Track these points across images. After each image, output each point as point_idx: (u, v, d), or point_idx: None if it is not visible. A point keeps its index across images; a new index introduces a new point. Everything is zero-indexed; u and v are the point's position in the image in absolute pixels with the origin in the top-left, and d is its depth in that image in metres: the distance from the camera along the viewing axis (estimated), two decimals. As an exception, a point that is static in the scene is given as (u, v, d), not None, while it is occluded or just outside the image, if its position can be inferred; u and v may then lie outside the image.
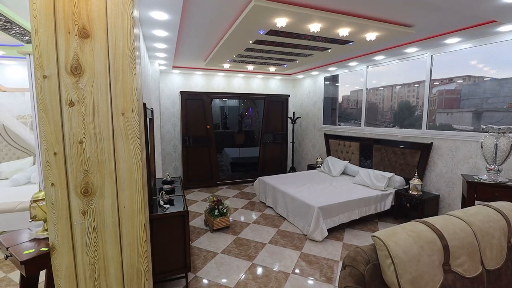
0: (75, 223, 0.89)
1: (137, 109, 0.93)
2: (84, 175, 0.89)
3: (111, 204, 0.91)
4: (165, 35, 2.95)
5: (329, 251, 2.91)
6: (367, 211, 3.56)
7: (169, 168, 5.72)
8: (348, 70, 5.17)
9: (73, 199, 0.88)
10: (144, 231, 0.98)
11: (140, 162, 0.93)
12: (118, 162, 0.92)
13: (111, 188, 0.91)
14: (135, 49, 0.92)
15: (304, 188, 3.95)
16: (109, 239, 0.91)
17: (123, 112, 0.90)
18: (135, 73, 0.92)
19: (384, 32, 2.86)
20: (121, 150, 0.91)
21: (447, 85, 3.62)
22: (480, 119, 3.33)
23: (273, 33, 2.90)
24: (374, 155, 4.45)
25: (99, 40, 0.86)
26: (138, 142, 0.94)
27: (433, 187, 3.71)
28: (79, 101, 0.86)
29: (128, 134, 0.92)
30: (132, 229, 0.96)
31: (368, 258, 1.41)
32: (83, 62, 0.86)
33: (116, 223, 0.93)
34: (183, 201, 2.48)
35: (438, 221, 1.60)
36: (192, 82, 5.75)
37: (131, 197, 0.93)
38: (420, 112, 4.05)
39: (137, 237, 0.97)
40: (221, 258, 2.78)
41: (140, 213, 0.95)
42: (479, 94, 3.34)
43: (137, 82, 0.93)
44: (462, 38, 3.19)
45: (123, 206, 0.92)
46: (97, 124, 0.88)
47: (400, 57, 4.11)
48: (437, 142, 3.64)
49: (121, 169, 0.91)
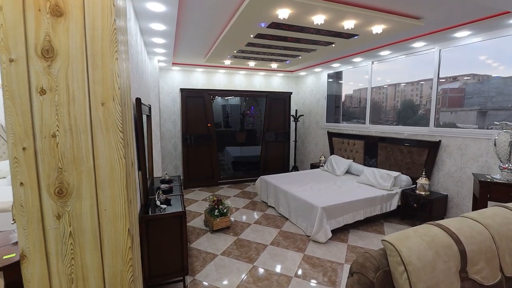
0: (48, 227, 0.78)
1: (119, 99, 0.82)
2: (58, 173, 0.78)
3: (90, 206, 0.80)
4: (163, 28, 2.85)
5: (333, 253, 2.80)
6: (372, 211, 3.43)
7: (169, 167, 5.63)
8: (352, 66, 5.03)
9: (45, 201, 0.78)
10: (128, 237, 0.87)
11: (122, 158, 0.82)
12: (97, 158, 0.81)
13: (90, 188, 0.80)
14: (117, 30, 0.81)
15: (307, 187, 3.84)
16: (88, 245, 0.81)
17: (102, 102, 0.79)
18: (117, 58, 0.81)
19: (391, 25, 2.73)
20: (101, 145, 0.80)
21: (451, 83, 3.52)
22: (485, 118, 3.26)
23: (275, 26, 2.78)
24: (379, 154, 4.31)
25: (75, 19, 0.76)
26: (120, 136, 0.83)
27: (441, 187, 3.57)
28: (52, 89, 0.76)
29: (109, 126, 0.81)
30: (115, 234, 0.85)
31: (378, 265, 1.30)
32: (56, 44, 0.75)
33: (96, 227, 0.82)
34: (181, 201, 2.38)
35: (453, 224, 1.47)
36: (192, 79, 5.64)
37: (112, 198, 0.82)
38: (423, 111, 3.94)
39: (121, 243, 0.86)
40: (221, 260, 2.68)
41: (123, 216, 0.84)
42: (484, 92, 3.28)
43: (119, 68, 0.82)
44: (472, 31, 3.05)
45: (104, 209, 0.81)
46: (73, 115, 0.78)
47: (407, 52, 3.97)
48: (446, 140, 3.50)
49: (101, 166, 0.80)
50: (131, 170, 1.03)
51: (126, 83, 1.00)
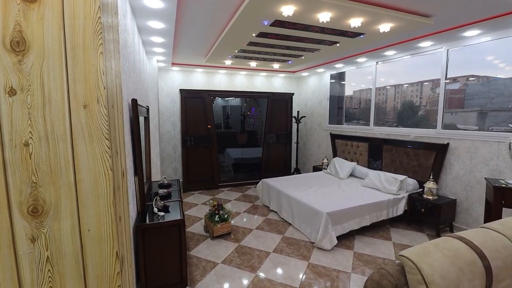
0: (21, 252, 0.66)
1: (105, 100, 0.69)
2: (32, 188, 0.66)
3: (71, 227, 0.68)
4: (161, 26, 2.73)
5: (339, 261, 2.67)
6: (378, 216, 3.31)
7: (168, 169, 5.50)
8: (356, 66, 4.92)
9: (17, 221, 0.65)
10: (116, 261, 0.75)
11: (109, 170, 0.70)
12: (78, 171, 0.69)
13: (70, 206, 0.67)
14: (103, 20, 0.69)
15: (311, 191, 3.71)
16: (70, 272, 0.68)
17: (85, 104, 0.67)
18: (102, 52, 0.69)
19: (400, 23, 2.61)
20: (83, 155, 0.68)
21: (451, 84, 3.45)
22: (485, 119, 3.21)
23: (278, 25, 2.66)
24: (384, 156, 4.19)
25: (51, 6, 0.64)
26: (106, 144, 0.71)
27: (449, 191, 3.45)
28: (23, 89, 0.64)
29: (93, 133, 0.69)
30: (100, 258, 0.73)
31: (396, 283, 1.17)
32: (28, 35, 0.63)
33: (78, 251, 0.69)
34: (180, 207, 2.26)
35: (475, 237, 1.35)
36: (193, 79, 5.52)
37: (97, 217, 0.70)
38: (423, 112, 3.88)
39: (107, 269, 0.74)
40: (222, 269, 2.55)
41: (110, 237, 0.72)
42: (484, 93, 3.24)
43: (105, 65, 0.70)
44: (482, 30, 2.94)
45: (87, 229, 0.69)
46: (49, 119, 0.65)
47: (413, 52, 3.86)
48: (454, 143, 3.38)
49: (83, 180, 0.68)
50: (122, 181, 0.90)
51: (116, 83, 0.88)
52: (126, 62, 1.90)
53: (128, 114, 1.89)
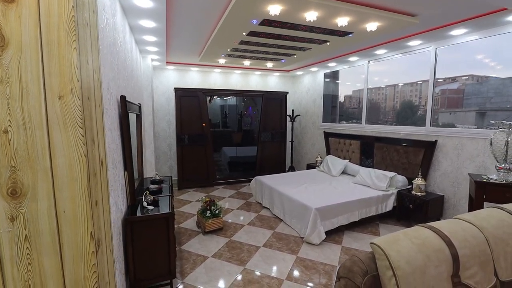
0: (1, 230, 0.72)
1: (79, 92, 0.75)
2: (11, 172, 0.72)
3: (47, 208, 0.74)
4: (153, 25, 2.79)
5: (327, 255, 2.73)
6: (367, 212, 3.37)
7: (164, 167, 5.56)
8: (349, 65, 4.98)
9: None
10: (91, 241, 0.81)
11: (83, 156, 0.76)
12: (54, 156, 0.75)
13: (47, 189, 0.73)
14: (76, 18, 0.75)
15: (302, 188, 3.78)
16: (46, 250, 0.74)
17: (60, 95, 0.73)
18: (75, 47, 0.75)
19: (386, 22, 2.67)
20: (58, 142, 0.74)
21: (450, 84, 3.50)
22: (484, 119, 3.25)
23: (267, 24, 2.72)
24: (376, 154, 4.26)
25: (28, 5, 0.70)
26: (80, 132, 0.77)
27: (438, 187, 3.51)
28: (3, 81, 0.70)
29: (67, 122, 0.75)
30: (76, 238, 0.79)
31: (366, 269, 1.24)
32: (7, 32, 0.69)
33: (54, 230, 0.76)
34: (169, 202, 2.32)
35: (445, 226, 1.41)
36: (188, 78, 5.58)
37: (72, 199, 0.76)
38: (423, 112, 3.91)
39: (82, 248, 0.80)
40: (212, 262, 2.61)
41: (85, 218, 0.78)
42: (483, 93, 3.28)
43: (78, 59, 0.76)
44: (468, 29, 3.00)
45: (63, 211, 0.75)
46: (27, 109, 0.72)
47: (403, 51, 3.92)
48: (442, 140, 3.44)
49: (59, 165, 0.74)
50: (101, 169, 0.96)
51: (94, 77, 0.94)
52: (114, 60, 1.96)
53: (117, 110, 1.95)
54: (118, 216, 1.86)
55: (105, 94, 1.64)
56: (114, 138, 1.83)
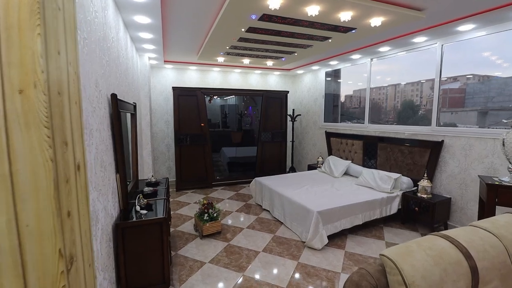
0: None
1: (44, 85, 0.64)
2: (-40, 180, 0.61)
3: (6, 222, 0.62)
4: (148, 21, 2.68)
5: (329, 260, 2.62)
6: (371, 215, 3.25)
7: (162, 168, 5.45)
8: (351, 63, 4.86)
9: None
10: (60, 259, 0.69)
11: (49, 162, 0.64)
12: (14, 162, 0.63)
13: (6, 200, 0.62)
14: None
15: (303, 190, 3.66)
16: (6, 271, 0.63)
17: (20, 89, 0.61)
18: (39, 33, 0.64)
19: (391, 17, 2.55)
20: (19, 145, 0.63)
21: (451, 83, 3.40)
22: (486, 118, 3.18)
23: (266, 19, 2.60)
24: (379, 154, 4.13)
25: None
26: (45, 133, 0.65)
27: (444, 189, 3.39)
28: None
29: (30, 121, 0.63)
30: (41, 256, 0.67)
31: (375, 284, 1.11)
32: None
33: (15, 248, 0.64)
34: (164, 206, 2.20)
35: (462, 235, 1.29)
36: (186, 77, 5.47)
37: (37, 212, 0.64)
38: (424, 111, 3.83)
39: (50, 268, 0.68)
40: (209, 268, 2.50)
41: (52, 233, 0.66)
42: (485, 92, 3.22)
43: (44, 47, 0.65)
44: (476, 25, 2.88)
45: (26, 225, 0.64)
46: (-21, 105, 0.60)
47: (407, 48, 3.79)
48: (449, 140, 3.32)
49: (19, 171, 0.63)
50: (76, 174, 0.85)
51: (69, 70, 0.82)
52: (105, 56, 1.84)
53: (107, 109, 1.84)
54: (108, 222, 1.75)
55: (93, 91, 1.53)
56: (103, 138, 1.71)
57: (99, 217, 1.54)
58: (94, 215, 1.46)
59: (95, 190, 1.50)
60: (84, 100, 1.35)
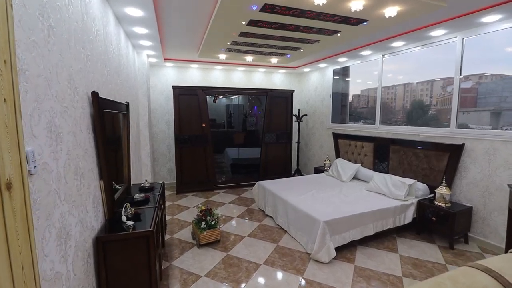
0: None
1: None
2: None
3: None
4: (141, 14, 2.47)
5: (337, 276, 2.36)
6: (383, 225, 2.98)
7: (163, 170, 5.27)
8: (361, 60, 4.57)
9: None
10: None
11: None
12: None
13: None
14: None
15: (309, 195, 3.41)
16: None
17: None
18: None
19: (408, 5, 2.28)
20: None
21: (463, 83, 3.15)
22: (499, 119, 2.97)
23: (269, 10, 2.37)
24: (391, 158, 3.85)
25: None
26: None
27: (464, 197, 3.09)
28: None
29: None
30: None
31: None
32: None
33: None
34: (154, 216, 1.99)
35: (504, 267, 1.03)
36: (187, 76, 5.28)
37: None
38: (434, 111, 3.64)
39: None
40: (204, 283, 2.28)
41: None
42: (497, 92, 3.03)
43: None
44: (504, 15, 2.58)
45: None
46: None
47: (423, 43, 3.49)
48: (470, 143, 3.02)
49: None
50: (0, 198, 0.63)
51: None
52: (85, 50, 1.64)
53: (86, 109, 1.64)
54: (86, 236, 1.55)
55: (64, 88, 1.32)
56: (80, 142, 1.51)
57: (70, 233, 1.33)
58: (64, 231, 1.26)
59: (66, 203, 1.29)
60: (48, 98, 1.14)
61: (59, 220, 1.21)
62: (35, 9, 1.07)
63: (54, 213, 1.16)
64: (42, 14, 1.12)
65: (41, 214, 1.04)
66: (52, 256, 1.13)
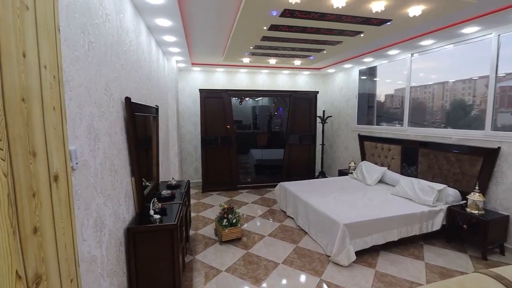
0: None
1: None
2: None
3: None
4: (169, 24, 2.67)
5: (356, 280, 2.34)
6: (409, 231, 2.88)
7: (189, 169, 5.54)
8: (388, 60, 4.43)
9: None
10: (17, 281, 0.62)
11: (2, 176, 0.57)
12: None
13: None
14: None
15: (330, 198, 3.39)
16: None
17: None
18: None
19: (434, 4, 2.20)
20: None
21: (504, 82, 2.86)
22: None
23: (288, 15, 2.43)
24: (420, 161, 3.68)
25: None
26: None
27: (500, 205, 2.87)
28: None
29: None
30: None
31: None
32: None
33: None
34: (178, 211, 2.15)
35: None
36: (213, 79, 5.49)
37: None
38: (477, 112, 3.29)
39: (5, 292, 0.61)
40: (224, 277, 2.39)
41: (7, 254, 0.59)
42: None
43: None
44: (548, 8, 2.37)
45: (-26, 246, 0.56)
46: None
47: (455, 41, 3.31)
48: (507, 147, 2.80)
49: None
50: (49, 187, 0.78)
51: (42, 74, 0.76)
52: (120, 60, 1.84)
53: (120, 113, 1.83)
54: (118, 226, 1.73)
55: (101, 95, 1.51)
56: (114, 142, 1.70)
57: (105, 222, 1.51)
58: (100, 220, 1.44)
59: (102, 196, 1.47)
60: (88, 104, 1.32)
61: (95, 210, 1.39)
62: (78, 28, 1.24)
63: (92, 203, 1.34)
64: (83, 32, 1.30)
65: (81, 204, 1.22)
66: (90, 241, 1.30)
